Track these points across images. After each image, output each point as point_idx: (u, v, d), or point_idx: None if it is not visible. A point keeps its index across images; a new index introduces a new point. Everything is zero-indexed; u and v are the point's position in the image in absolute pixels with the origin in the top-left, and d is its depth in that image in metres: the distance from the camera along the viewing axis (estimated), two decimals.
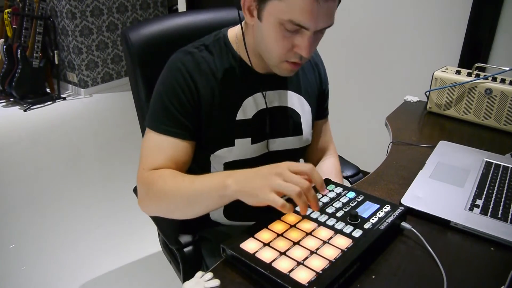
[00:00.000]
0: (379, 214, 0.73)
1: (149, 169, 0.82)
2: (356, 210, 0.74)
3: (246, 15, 0.79)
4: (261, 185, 0.66)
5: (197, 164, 0.94)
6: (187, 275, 0.91)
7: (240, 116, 0.89)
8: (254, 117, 0.90)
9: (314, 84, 1.01)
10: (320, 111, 1.06)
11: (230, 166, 0.91)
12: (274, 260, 0.63)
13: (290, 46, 0.76)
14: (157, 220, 0.98)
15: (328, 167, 1.05)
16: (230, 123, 0.88)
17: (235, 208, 0.70)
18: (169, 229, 0.96)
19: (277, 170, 0.67)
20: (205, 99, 0.85)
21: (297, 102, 0.96)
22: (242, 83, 0.89)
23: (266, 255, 0.64)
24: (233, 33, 0.90)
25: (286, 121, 0.95)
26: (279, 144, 0.95)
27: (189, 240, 0.90)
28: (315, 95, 1.01)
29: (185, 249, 0.90)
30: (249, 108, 0.89)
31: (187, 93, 0.84)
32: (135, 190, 1.11)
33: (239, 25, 0.88)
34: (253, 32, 0.83)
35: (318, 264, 0.62)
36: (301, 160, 1.12)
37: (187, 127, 0.84)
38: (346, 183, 0.94)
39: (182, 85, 0.83)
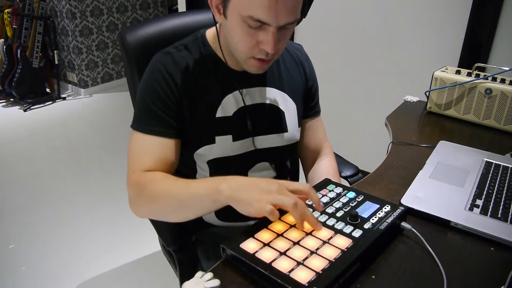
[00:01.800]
0: (379, 214, 0.73)
1: (139, 171, 0.82)
2: (356, 210, 0.74)
3: (215, 13, 0.80)
4: (259, 197, 0.67)
5: (184, 164, 0.94)
6: (184, 277, 0.91)
7: (219, 113, 0.89)
8: (234, 114, 0.90)
9: (299, 82, 1.00)
10: (308, 109, 1.05)
11: (213, 163, 0.91)
12: (274, 260, 0.63)
13: (255, 42, 0.77)
14: (154, 221, 0.98)
15: (325, 168, 1.04)
16: (210, 120, 0.89)
17: (226, 209, 0.70)
18: (166, 231, 0.96)
19: (274, 185, 0.68)
20: (185, 97, 0.86)
21: (279, 98, 0.95)
22: (221, 81, 0.90)
23: (266, 255, 0.64)
24: (210, 32, 0.91)
25: (268, 118, 0.95)
26: (262, 141, 0.94)
27: (185, 242, 0.90)
28: (301, 93, 1.01)
29: (181, 251, 0.90)
30: (229, 105, 0.90)
31: (168, 91, 0.85)
32: None
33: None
34: (223, 30, 0.84)
35: (318, 264, 0.62)
36: (300, 162, 1.12)
37: (172, 125, 0.85)
38: (345, 183, 0.94)
39: (162, 84, 0.85)
